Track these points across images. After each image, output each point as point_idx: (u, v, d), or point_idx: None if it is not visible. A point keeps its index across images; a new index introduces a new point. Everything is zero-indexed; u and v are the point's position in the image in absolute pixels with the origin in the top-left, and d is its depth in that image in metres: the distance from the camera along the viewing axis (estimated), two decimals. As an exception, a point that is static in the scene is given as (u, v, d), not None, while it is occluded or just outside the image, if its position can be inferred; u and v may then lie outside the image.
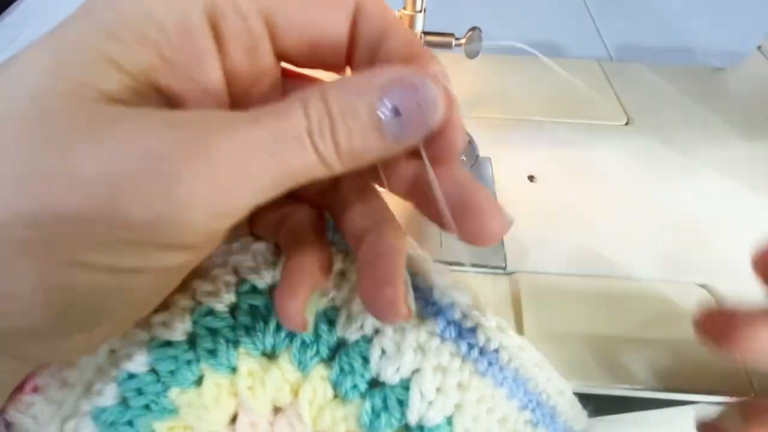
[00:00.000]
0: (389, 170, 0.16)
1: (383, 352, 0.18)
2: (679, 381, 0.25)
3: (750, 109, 0.42)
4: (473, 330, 0.18)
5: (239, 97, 0.16)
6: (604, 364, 0.25)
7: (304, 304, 0.16)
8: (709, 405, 0.28)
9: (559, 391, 0.20)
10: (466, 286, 0.19)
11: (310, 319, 0.17)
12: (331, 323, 0.19)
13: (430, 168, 0.15)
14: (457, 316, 0.19)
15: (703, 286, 0.29)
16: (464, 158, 0.35)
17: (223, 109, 0.16)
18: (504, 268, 0.29)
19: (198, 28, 0.14)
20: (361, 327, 0.18)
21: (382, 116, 0.13)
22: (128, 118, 0.12)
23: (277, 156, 0.13)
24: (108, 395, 0.18)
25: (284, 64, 0.18)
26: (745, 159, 0.38)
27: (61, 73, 0.12)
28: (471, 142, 0.37)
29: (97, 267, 0.12)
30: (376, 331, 0.18)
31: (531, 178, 0.35)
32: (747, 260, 0.31)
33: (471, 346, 0.18)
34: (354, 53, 0.17)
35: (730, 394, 0.25)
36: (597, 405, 0.37)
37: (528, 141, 0.38)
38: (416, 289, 0.19)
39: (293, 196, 0.19)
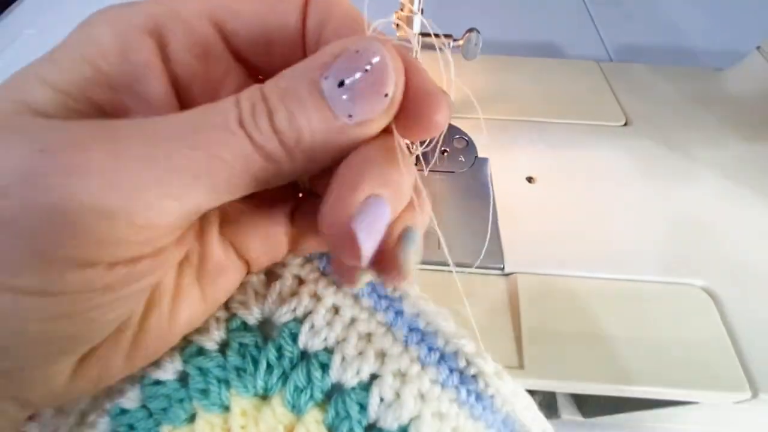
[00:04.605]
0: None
1: (382, 400, 0.18)
2: (678, 381, 0.25)
3: (749, 109, 0.42)
4: (475, 377, 0.19)
5: (200, 103, 0.15)
6: (603, 364, 0.25)
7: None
8: (708, 405, 0.28)
9: (543, 430, 0.20)
10: (466, 328, 0.19)
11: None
12: (324, 368, 0.19)
13: (401, 143, 0.13)
14: (461, 364, 0.19)
15: (702, 286, 0.29)
16: (462, 159, 0.35)
17: None
18: (502, 269, 0.29)
19: (136, 43, 0.14)
20: (358, 373, 0.18)
21: (326, 90, 0.12)
22: (40, 122, 0.13)
23: (200, 148, 0.12)
24: (100, 429, 0.18)
25: None
26: (745, 159, 0.38)
27: (3, 94, 0.13)
28: (469, 143, 0.37)
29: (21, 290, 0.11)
30: (374, 377, 0.19)
31: (530, 179, 0.35)
32: (746, 260, 0.31)
33: (469, 392, 0.19)
34: (305, 43, 0.15)
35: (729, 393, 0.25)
36: (597, 405, 0.37)
37: (526, 142, 0.38)
38: (418, 330, 0.19)
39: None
